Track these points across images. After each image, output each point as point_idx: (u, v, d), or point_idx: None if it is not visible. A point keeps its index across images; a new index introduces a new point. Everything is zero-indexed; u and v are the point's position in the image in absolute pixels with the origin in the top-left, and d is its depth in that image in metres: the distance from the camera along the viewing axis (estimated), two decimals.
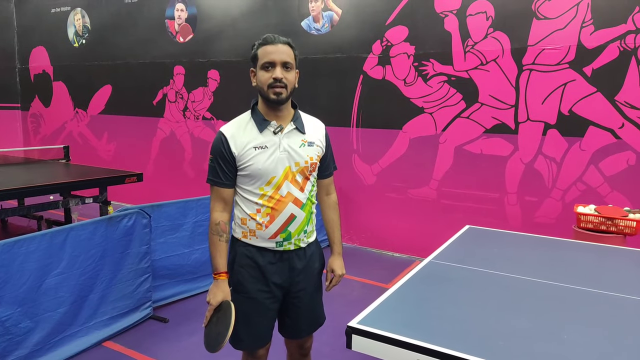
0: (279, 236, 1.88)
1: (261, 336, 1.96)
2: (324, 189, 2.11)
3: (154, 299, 3.55)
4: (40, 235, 2.79)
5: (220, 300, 1.86)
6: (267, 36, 1.84)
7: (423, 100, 4.81)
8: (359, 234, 5.36)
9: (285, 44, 1.82)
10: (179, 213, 3.71)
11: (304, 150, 1.89)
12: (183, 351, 3.06)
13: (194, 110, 6.39)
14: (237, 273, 1.93)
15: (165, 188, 6.66)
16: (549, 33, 4.17)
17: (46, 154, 7.20)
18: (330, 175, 2.10)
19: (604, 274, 2.34)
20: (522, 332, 1.66)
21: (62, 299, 2.89)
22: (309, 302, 2.02)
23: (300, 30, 5.39)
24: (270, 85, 1.79)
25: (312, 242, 2.00)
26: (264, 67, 1.81)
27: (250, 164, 1.82)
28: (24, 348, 2.70)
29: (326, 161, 2.03)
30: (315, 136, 1.95)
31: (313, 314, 2.06)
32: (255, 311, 1.92)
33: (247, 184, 1.87)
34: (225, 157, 1.85)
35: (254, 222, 1.87)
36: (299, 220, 1.90)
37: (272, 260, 1.91)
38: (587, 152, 4.15)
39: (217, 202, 1.91)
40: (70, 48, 7.44)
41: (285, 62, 1.80)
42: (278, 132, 1.86)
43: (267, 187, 1.85)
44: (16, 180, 4.27)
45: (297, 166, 1.87)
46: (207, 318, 1.88)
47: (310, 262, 1.99)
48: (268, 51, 1.79)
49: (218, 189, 1.90)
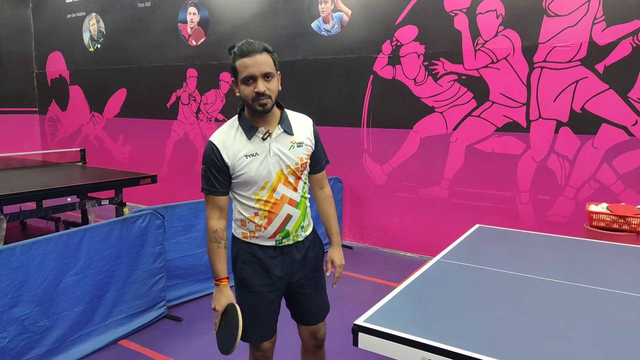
0: (278, 235, 1.95)
1: (266, 329, 2.03)
2: (318, 183, 2.15)
3: (168, 298, 3.62)
4: (57, 237, 2.87)
5: (225, 305, 1.91)
6: (242, 46, 1.79)
7: (433, 100, 4.81)
8: (371, 233, 5.37)
9: (262, 52, 1.78)
10: (191, 214, 3.77)
11: (294, 152, 1.92)
12: (196, 349, 3.12)
13: (206, 112, 6.47)
14: (241, 269, 1.99)
15: (179, 189, 6.75)
16: (560, 30, 4.14)
17: (63, 157, 7.36)
18: (322, 169, 2.13)
19: (615, 272, 2.33)
20: (528, 331, 1.67)
21: (78, 298, 2.97)
22: (310, 289, 2.09)
23: (311, 31, 5.43)
24: (254, 99, 1.80)
25: (309, 234, 2.07)
26: (245, 81, 1.80)
27: (244, 172, 1.87)
28: (42, 346, 2.79)
29: (317, 156, 2.06)
30: (304, 135, 1.98)
31: (317, 300, 2.12)
32: (259, 305, 1.99)
33: (243, 190, 1.92)
34: (219, 166, 1.88)
35: (253, 224, 1.93)
36: (295, 219, 1.97)
37: (272, 254, 1.98)
38: (600, 149, 4.11)
39: (213, 210, 1.95)
40: (86, 53, 7.59)
41: (266, 73, 1.79)
42: (267, 138, 1.89)
43: (262, 192, 1.89)
44: (35, 183, 4.38)
45: (289, 168, 1.91)
46: (217, 324, 1.94)
47: (309, 251, 2.06)
48: (247, 64, 1.77)
49: (213, 197, 1.94)
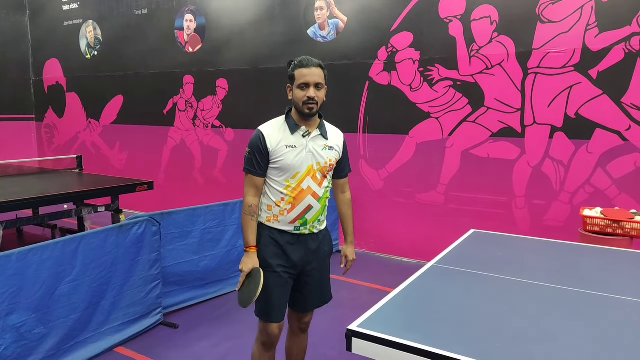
0: (297, 222, 2.24)
1: (279, 309, 2.28)
2: (340, 188, 2.49)
3: (164, 305, 3.62)
4: (53, 244, 2.86)
5: (251, 268, 2.21)
6: (302, 59, 2.18)
7: (429, 105, 4.84)
8: (367, 239, 5.38)
9: (317, 67, 2.17)
10: (187, 220, 3.77)
11: (325, 153, 2.26)
12: (192, 356, 3.12)
13: (203, 119, 6.48)
14: (262, 251, 2.27)
15: (176, 195, 6.75)
16: (554, 36, 4.18)
17: (60, 164, 7.35)
18: (345, 176, 2.48)
19: (609, 276, 2.34)
20: (521, 335, 1.68)
21: (74, 305, 2.96)
22: (318, 280, 2.37)
23: (307, 38, 5.46)
24: (304, 102, 2.16)
25: (323, 229, 2.37)
26: (300, 86, 2.17)
27: (282, 159, 2.18)
28: (38, 353, 2.77)
29: (342, 164, 2.41)
30: (335, 142, 2.33)
31: (322, 291, 2.41)
32: (276, 284, 2.24)
33: (276, 176, 2.22)
34: (262, 151, 2.20)
35: (278, 209, 2.23)
36: (315, 210, 2.26)
37: (290, 241, 2.26)
38: (595, 154, 4.14)
39: (250, 188, 2.26)
40: (83, 60, 7.61)
41: (318, 83, 2.17)
42: (306, 136, 2.22)
43: (292, 180, 2.21)
44: (31, 190, 4.38)
45: (318, 165, 2.24)
46: (241, 282, 2.22)
47: (322, 245, 2.35)
48: (303, 74, 2.15)
49: (252, 177, 2.25)
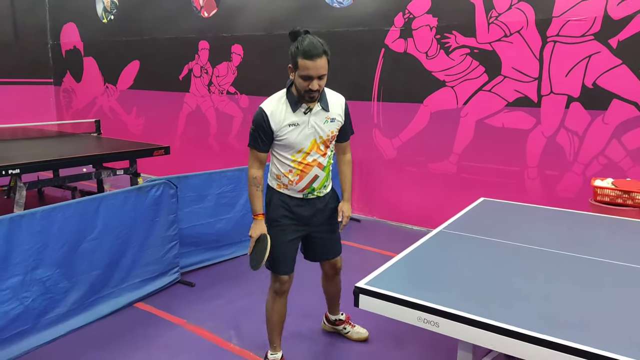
0: (305, 190, 2.42)
1: (288, 263, 2.47)
2: (341, 150, 2.62)
3: (182, 264, 3.76)
4: (76, 203, 2.99)
5: (259, 234, 2.40)
6: (306, 47, 2.11)
7: (445, 74, 4.80)
8: (378, 207, 5.45)
9: (322, 57, 2.12)
10: (203, 184, 3.88)
11: (327, 125, 2.36)
12: (208, 312, 3.26)
13: (218, 85, 6.51)
14: (272, 212, 2.46)
15: (191, 161, 6.86)
16: (575, 4, 4.08)
17: (78, 128, 7.49)
18: (347, 139, 2.58)
19: (615, 244, 2.38)
20: (520, 294, 1.75)
21: (96, 262, 3.11)
22: (327, 233, 2.58)
23: (323, 3, 5.40)
24: (306, 92, 2.20)
25: (329, 191, 2.55)
26: (303, 78, 2.16)
27: (285, 138, 2.30)
28: (62, 306, 2.94)
29: (345, 129, 2.50)
30: (336, 111, 2.40)
31: (332, 241, 2.63)
32: (284, 240, 2.44)
33: (282, 151, 2.36)
34: (265, 129, 2.29)
35: (287, 179, 2.39)
36: (321, 179, 2.43)
37: (300, 204, 2.46)
38: (610, 125, 4.10)
39: (254, 162, 2.40)
40: (99, 24, 7.63)
41: (321, 75, 2.17)
42: (307, 113, 2.30)
43: (298, 155, 2.35)
44: (51, 152, 4.51)
45: (321, 139, 2.36)
46: (251, 247, 2.42)
47: (328, 204, 2.55)
48: (307, 66, 2.13)
49: (256, 152, 2.38)
